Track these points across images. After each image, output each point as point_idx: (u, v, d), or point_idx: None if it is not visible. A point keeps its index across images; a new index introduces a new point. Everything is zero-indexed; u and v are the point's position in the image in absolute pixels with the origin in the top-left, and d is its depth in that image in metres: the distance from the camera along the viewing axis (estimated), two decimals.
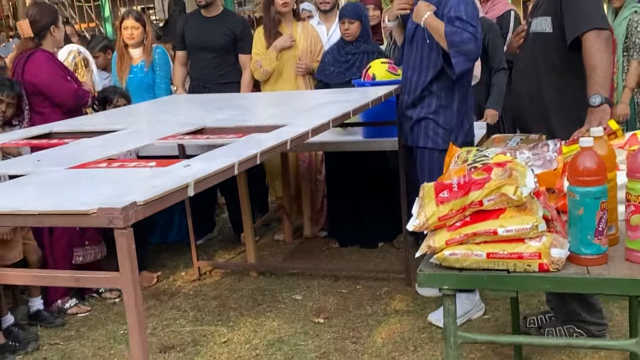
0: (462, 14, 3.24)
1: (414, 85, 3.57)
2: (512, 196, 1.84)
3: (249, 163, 2.04)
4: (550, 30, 2.95)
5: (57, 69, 3.91)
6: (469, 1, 3.31)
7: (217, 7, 4.95)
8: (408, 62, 3.61)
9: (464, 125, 3.60)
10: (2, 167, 2.20)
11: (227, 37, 4.87)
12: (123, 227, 1.46)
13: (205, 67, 4.91)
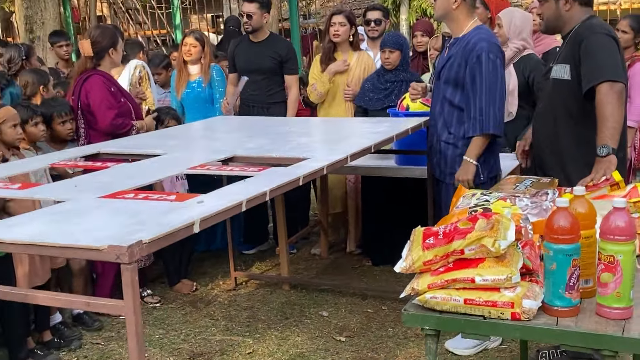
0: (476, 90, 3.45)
1: (440, 120, 3.70)
2: (491, 248, 1.99)
3: (257, 200, 2.25)
4: (568, 78, 3.05)
5: (107, 94, 4.18)
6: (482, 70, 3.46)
7: (263, 32, 5.21)
8: (437, 97, 3.75)
9: (488, 161, 3.66)
10: (43, 192, 2.49)
11: (273, 60, 5.13)
12: (128, 263, 1.69)
13: (254, 89, 5.18)
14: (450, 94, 3.60)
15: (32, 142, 3.95)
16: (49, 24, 8.52)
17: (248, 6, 5.11)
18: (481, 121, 3.47)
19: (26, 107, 3.95)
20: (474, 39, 3.50)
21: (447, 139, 3.66)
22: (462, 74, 3.52)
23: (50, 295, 1.93)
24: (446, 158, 3.69)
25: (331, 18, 5.07)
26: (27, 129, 3.87)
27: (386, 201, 4.81)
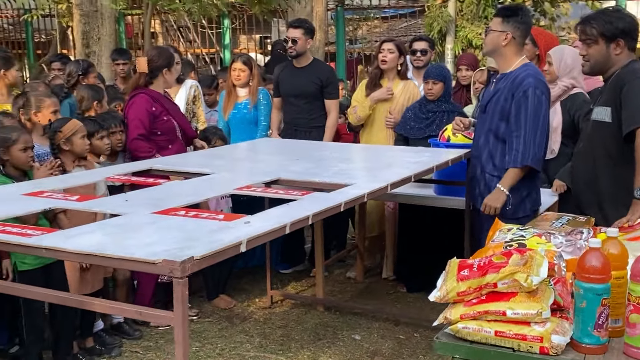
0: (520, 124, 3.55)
1: (485, 151, 3.78)
2: (523, 283, 2.06)
3: (300, 224, 2.37)
4: (609, 120, 3.11)
5: (142, 114, 4.38)
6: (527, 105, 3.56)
7: (307, 58, 5.38)
8: (482, 129, 3.83)
9: (531, 194, 3.75)
10: (100, 205, 2.64)
11: (315, 85, 5.28)
12: (180, 277, 1.82)
13: (297, 113, 5.34)
14: (496, 127, 3.70)
15: (96, 154, 4.15)
16: (104, 40, 8.85)
17: (293, 32, 5.29)
18: (523, 153, 3.56)
19: (93, 120, 4.18)
20: (521, 75, 3.60)
21: (492, 170, 3.75)
22: (508, 107, 3.62)
23: (106, 303, 2.06)
24: (490, 189, 3.75)
25: (381, 45, 5.21)
26: (93, 142, 4.08)
27: (423, 229, 4.88)
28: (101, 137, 4.14)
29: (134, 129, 4.36)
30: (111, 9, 8.70)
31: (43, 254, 2.05)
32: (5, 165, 3.57)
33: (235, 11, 11.65)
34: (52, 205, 2.65)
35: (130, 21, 12.54)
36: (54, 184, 3.00)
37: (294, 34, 5.28)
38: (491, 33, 3.67)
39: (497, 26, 3.65)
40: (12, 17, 12.84)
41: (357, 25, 12.55)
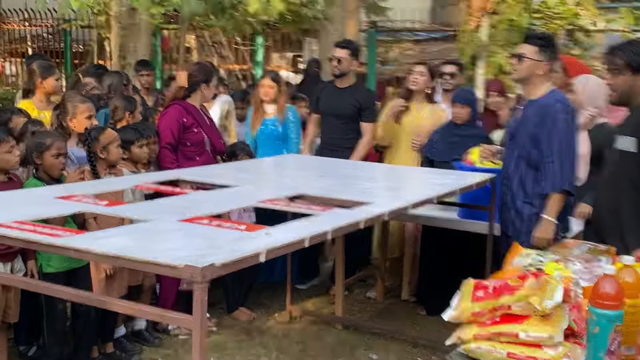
0: (553, 149, 3.59)
1: (516, 178, 3.79)
2: (537, 306, 2.09)
3: (319, 238, 2.42)
4: (634, 150, 3.11)
5: (173, 124, 4.52)
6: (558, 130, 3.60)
7: (349, 79, 5.44)
8: (511, 156, 3.84)
9: (561, 220, 3.74)
10: (128, 211, 2.73)
11: (354, 107, 5.34)
12: (200, 282, 1.88)
13: (334, 132, 5.41)
14: (527, 154, 3.72)
15: (135, 162, 4.28)
16: (140, 52, 9.05)
17: (340, 51, 5.37)
18: (560, 178, 3.59)
19: (134, 129, 4.31)
20: (550, 101, 3.66)
21: (523, 197, 3.76)
22: (538, 134, 3.65)
23: (128, 304, 2.13)
24: (522, 216, 3.77)
25: (413, 67, 5.27)
26: (133, 149, 4.22)
27: (445, 252, 4.88)
28: (141, 145, 4.26)
29: (164, 138, 4.51)
30: (148, 23, 8.90)
31: (71, 255, 2.12)
32: (38, 169, 3.68)
33: (268, 29, 11.81)
34: (81, 209, 2.74)
35: (167, 35, 12.77)
36: (85, 189, 3.09)
37: (340, 54, 5.36)
38: (526, 61, 3.68)
39: (534, 55, 3.67)
40: (51, 27, 13.17)
41: (389, 47, 12.62)
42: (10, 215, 2.42)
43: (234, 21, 8.44)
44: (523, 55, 3.69)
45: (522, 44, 3.77)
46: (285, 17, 7.56)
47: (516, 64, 3.74)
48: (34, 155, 3.65)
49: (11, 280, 2.84)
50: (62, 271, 3.64)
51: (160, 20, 9.33)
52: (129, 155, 4.23)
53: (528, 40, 3.75)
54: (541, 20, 9.83)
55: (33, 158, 3.66)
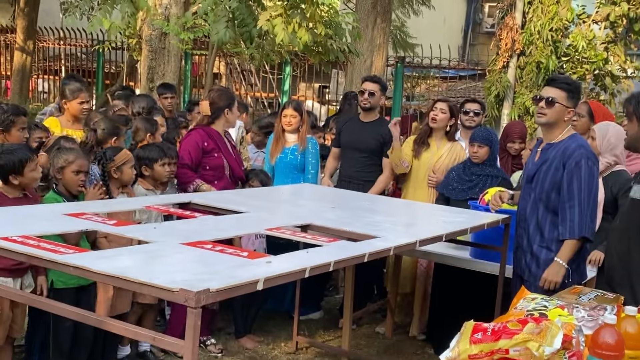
0: (573, 194, 3.53)
1: (532, 222, 3.73)
2: (535, 352, 2.05)
3: (321, 269, 2.41)
4: None
5: (192, 147, 4.58)
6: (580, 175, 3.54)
7: (374, 114, 5.49)
8: (527, 199, 3.77)
9: (579, 266, 3.70)
10: (134, 231, 2.75)
11: (376, 142, 5.36)
12: (194, 307, 1.88)
13: (354, 166, 5.42)
14: (546, 198, 3.66)
15: (156, 180, 4.33)
16: (168, 76, 9.18)
17: (371, 85, 5.43)
18: (579, 224, 3.53)
19: (158, 147, 4.37)
20: (572, 145, 3.61)
21: (540, 241, 3.70)
22: (559, 178, 3.60)
23: (122, 325, 2.13)
24: (538, 261, 3.70)
25: (435, 103, 5.28)
26: (155, 168, 4.28)
27: (456, 291, 4.82)
28: (163, 164, 4.31)
29: (180, 159, 4.55)
30: (178, 48, 9.05)
31: (71, 272, 2.14)
32: (58, 184, 3.74)
33: (297, 59, 11.94)
34: (88, 227, 2.77)
35: (197, 61, 12.97)
36: (97, 208, 3.13)
37: (371, 87, 5.41)
38: (558, 106, 3.61)
39: (564, 100, 3.61)
40: (85, 47, 13.46)
41: (416, 82, 12.68)
42: (17, 230, 2.45)
43: (262, 50, 8.54)
44: (555, 100, 3.60)
45: (549, 87, 3.68)
46: (311, 49, 7.62)
47: (545, 108, 3.63)
48: (55, 170, 3.71)
49: (15, 295, 2.86)
50: (72, 287, 3.66)
51: (190, 45, 9.48)
52: (151, 173, 4.29)
53: (556, 84, 3.65)
54: (569, 64, 9.80)
55: (54, 173, 3.71)
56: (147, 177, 4.31)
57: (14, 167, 3.49)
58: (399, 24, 15.63)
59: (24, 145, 3.71)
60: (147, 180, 4.32)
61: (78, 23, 7.78)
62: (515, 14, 9.84)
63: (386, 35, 10.07)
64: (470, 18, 23.16)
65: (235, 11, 6.66)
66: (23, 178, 3.52)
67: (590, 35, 9.69)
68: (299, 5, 6.46)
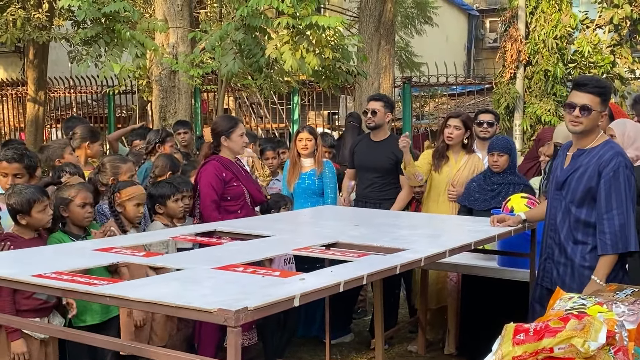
0: (611, 205, 3.36)
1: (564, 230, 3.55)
2: (580, 348, 2.02)
3: (354, 283, 2.40)
4: None
5: (213, 181, 4.48)
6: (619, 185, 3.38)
7: (384, 132, 5.48)
8: (558, 207, 3.59)
9: (621, 277, 3.46)
10: (165, 261, 2.75)
11: (390, 161, 5.34)
12: (234, 326, 1.87)
13: (369, 185, 5.41)
14: (578, 206, 3.48)
15: (170, 217, 4.32)
16: (180, 113, 9.28)
17: (374, 103, 5.42)
18: (622, 237, 3.33)
19: (169, 183, 4.37)
20: (608, 153, 3.43)
21: (573, 250, 3.51)
22: (595, 186, 3.42)
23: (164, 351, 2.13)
24: (573, 271, 3.51)
25: (447, 120, 5.26)
26: (169, 204, 4.28)
27: (486, 302, 4.77)
28: (176, 199, 4.31)
29: (206, 196, 4.46)
30: (188, 85, 9.14)
31: (107, 302, 2.14)
32: (66, 223, 3.75)
33: (304, 88, 12.02)
34: (120, 259, 2.78)
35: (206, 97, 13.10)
36: (124, 241, 3.14)
37: (373, 106, 5.41)
38: (593, 113, 3.41)
39: (598, 107, 3.41)
40: (95, 93, 13.64)
41: (425, 101, 12.71)
42: (48, 267, 2.46)
43: (270, 80, 8.61)
44: (590, 107, 3.40)
45: (580, 92, 3.45)
46: (319, 74, 7.68)
47: (581, 117, 3.42)
48: (60, 209, 3.72)
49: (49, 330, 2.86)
50: (92, 324, 3.66)
51: (200, 82, 9.59)
52: (165, 210, 4.29)
53: (588, 90, 3.43)
54: (576, 70, 9.81)
55: (60, 212, 3.72)
56: (162, 215, 4.31)
57: (21, 208, 3.51)
58: (403, 44, 15.74)
59: (36, 186, 3.73)
60: (163, 218, 4.31)
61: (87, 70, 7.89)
62: (518, 25, 9.88)
63: (391, 56, 10.13)
64: (472, 34, 23.31)
65: (242, 43, 6.72)
66: (30, 218, 3.52)
67: (596, 40, 9.71)
68: (304, 32, 6.52)
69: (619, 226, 3.33)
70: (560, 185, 3.58)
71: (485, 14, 23.37)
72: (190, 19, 9.29)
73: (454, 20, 21.59)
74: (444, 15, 18.06)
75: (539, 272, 3.74)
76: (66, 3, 6.71)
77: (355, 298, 5.74)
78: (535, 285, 3.79)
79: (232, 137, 4.65)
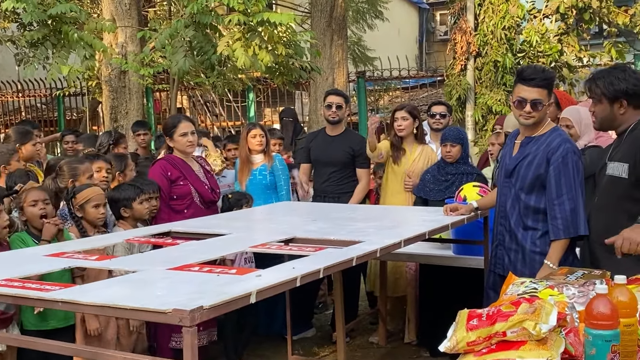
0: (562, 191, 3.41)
1: (514, 217, 3.59)
2: (532, 331, 2.06)
3: (311, 277, 2.40)
4: (625, 176, 3.12)
5: (161, 180, 4.49)
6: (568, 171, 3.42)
7: (341, 127, 5.52)
8: (507, 194, 3.62)
9: (568, 258, 3.51)
10: (118, 263, 2.72)
11: (347, 154, 5.38)
12: (189, 326, 1.86)
13: (326, 180, 5.44)
14: (527, 193, 3.53)
15: (137, 219, 4.23)
16: (132, 114, 9.15)
17: (337, 98, 5.47)
18: (573, 223, 3.39)
19: (133, 185, 4.29)
20: (556, 140, 3.47)
21: (523, 236, 3.56)
22: (544, 173, 3.47)
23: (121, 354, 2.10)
24: (524, 257, 3.56)
25: (394, 113, 5.33)
26: (134, 206, 4.18)
27: (444, 291, 4.83)
28: (141, 201, 4.22)
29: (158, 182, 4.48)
30: (139, 85, 9.02)
31: (59, 307, 2.10)
32: (27, 224, 3.67)
33: (259, 85, 11.98)
34: (72, 264, 2.73)
35: (159, 97, 12.94)
36: (76, 246, 3.08)
37: (338, 100, 5.44)
38: (543, 108, 3.45)
39: (547, 99, 3.47)
40: (45, 97, 13.35)
41: (379, 95, 12.80)
42: None
43: (223, 78, 8.55)
44: (541, 102, 3.44)
45: (527, 87, 3.45)
46: (273, 70, 7.66)
47: (533, 112, 3.45)
48: (18, 212, 3.64)
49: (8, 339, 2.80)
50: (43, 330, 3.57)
51: (151, 81, 9.47)
52: (131, 213, 4.19)
53: (536, 83, 3.44)
54: (525, 60, 10.00)
55: (19, 215, 3.65)
56: (128, 218, 4.21)
57: None
58: (355, 39, 15.80)
59: None
60: (128, 222, 4.21)
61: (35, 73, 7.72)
62: (467, 17, 10.03)
63: (344, 51, 10.17)
64: (423, 28, 23.53)
65: (193, 40, 6.66)
66: None
67: (543, 29, 9.91)
68: (256, 28, 6.49)
69: (569, 211, 3.39)
70: (509, 173, 3.63)
71: (436, 7, 23.60)
72: (139, 18, 9.17)
73: (404, 14, 21.76)
74: (395, 9, 18.18)
75: (491, 258, 3.79)
76: (10, 5, 6.55)
77: (316, 293, 5.76)
78: (489, 272, 3.83)
79: (175, 137, 4.64)
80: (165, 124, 4.72)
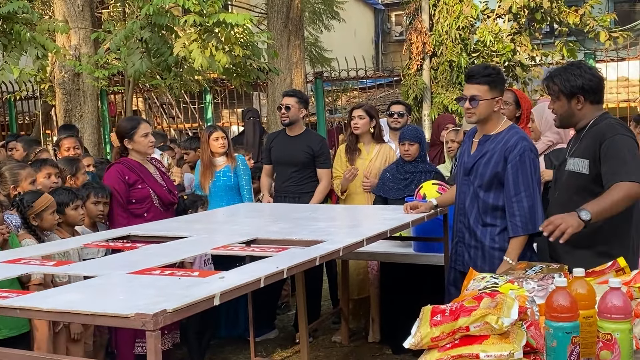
0: (519, 188, 3.46)
1: (472, 214, 3.64)
2: (494, 325, 2.09)
3: (275, 277, 2.40)
4: (586, 172, 3.17)
5: (117, 184, 4.43)
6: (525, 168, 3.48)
7: (299, 127, 5.49)
8: (466, 192, 3.67)
9: (529, 255, 3.58)
10: (77, 269, 2.66)
11: (307, 155, 5.37)
12: (153, 330, 1.83)
13: (287, 180, 5.42)
14: (485, 190, 3.58)
15: (70, 225, 4.09)
16: (86, 117, 8.99)
17: (287, 99, 5.43)
18: (531, 219, 3.43)
19: (67, 190, 4.16)
20: (513, 138, 3.51)
21: (482, 233, 3.61)
22: (501, 171, 3.51)
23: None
24: (484, 253, 3.61)
25: (351, 112, 5.36)
26: (68, 212, 4.02)
27: (405, 289, 4.87)
28: (75, 207, 4.07)
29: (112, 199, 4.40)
30: (93, 87, 8.87)
31: (17, 314, 2.05)
32: None
33: (216, 86, 11.89)
34: (29, 270, 2.66)
35: (114, 99, 12.74)
36: (32, 252, 3.01)
37: (287, 101, 5.41)
38: (483, 102, 3.50)
39: (487, 94, 3.51)
40: None
41: (337, 96, 12.84)
42: None
43: (180, 80, 8.46)
44: (477, 97, 3.51)
45: (468, 84, 3.57)
46: (230, 71, 7.61)
47: (471, 108, 3.54)
48: None
49: None
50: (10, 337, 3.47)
51: (105, 83, 9.31)
52: (63, 218, 4.01)
53: (475, 80, 3.54)
54: (479, 59, 10.14)
55: None
56: (62, 224, 4.01)
57: None
58: (312, 40, 15.83)
59: None
60: (63, 227, 4.03)
61: None
62: (422, 17, 10.13)
63: (302, 52, 10.17)
64: (379, 28, 23.70)
65: (148, 42, 6.58)
66: None
67: (496, 29, 10.06)
68: (212, 30, 6.44)
69: (527, 208, 3.45)
70: (468, 171, 3.67)
71: (391, 7, 23.80)
72: (92, 19, 9.01)
73: (360, 15, 21.88)
74: (351, 10, 18.27)
75: (451, 255, 3.84)
76: None
77: (278, 294, 5.75)
78: (450, 268, 3.87)
79: (135, 138, 4.55)
80: (123, 127, 4.60)
